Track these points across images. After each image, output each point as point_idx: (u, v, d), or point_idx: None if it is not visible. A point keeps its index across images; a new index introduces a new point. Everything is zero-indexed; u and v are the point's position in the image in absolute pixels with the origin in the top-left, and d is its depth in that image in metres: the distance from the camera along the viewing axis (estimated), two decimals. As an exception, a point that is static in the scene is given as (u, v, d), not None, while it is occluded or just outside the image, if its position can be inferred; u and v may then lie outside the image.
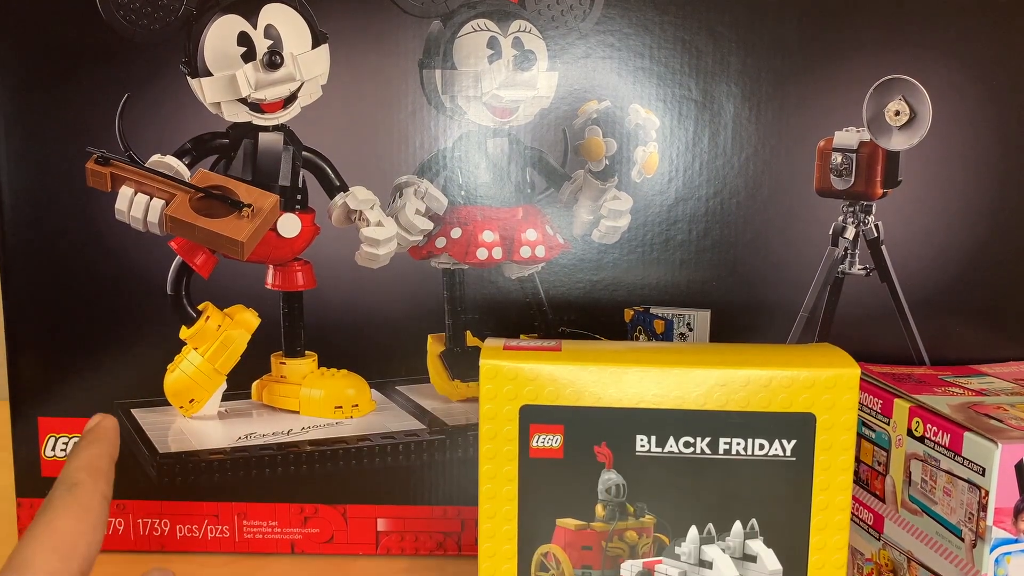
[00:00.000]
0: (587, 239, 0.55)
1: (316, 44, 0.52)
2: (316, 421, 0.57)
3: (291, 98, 0.53)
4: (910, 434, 0.46)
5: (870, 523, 0.49)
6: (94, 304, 0.55)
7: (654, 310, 0.55)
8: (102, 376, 0.55)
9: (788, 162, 0.54)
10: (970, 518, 0.41)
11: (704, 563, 0.43)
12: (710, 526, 0.43)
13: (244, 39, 0.52)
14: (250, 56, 0.52)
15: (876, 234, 0.55)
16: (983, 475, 0.41)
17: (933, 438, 0.44)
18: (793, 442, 0.42)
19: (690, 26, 0.52)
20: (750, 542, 0.43)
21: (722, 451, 0.43)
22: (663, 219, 0.54)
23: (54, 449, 0.56)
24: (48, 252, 0.54)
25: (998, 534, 0.40)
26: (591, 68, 0.53)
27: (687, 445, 0.43)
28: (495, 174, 0.54)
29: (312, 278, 0.55)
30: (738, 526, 0.43)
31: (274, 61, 0.51)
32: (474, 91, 0.53)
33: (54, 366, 0.55)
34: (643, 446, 0.43)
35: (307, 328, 0.56)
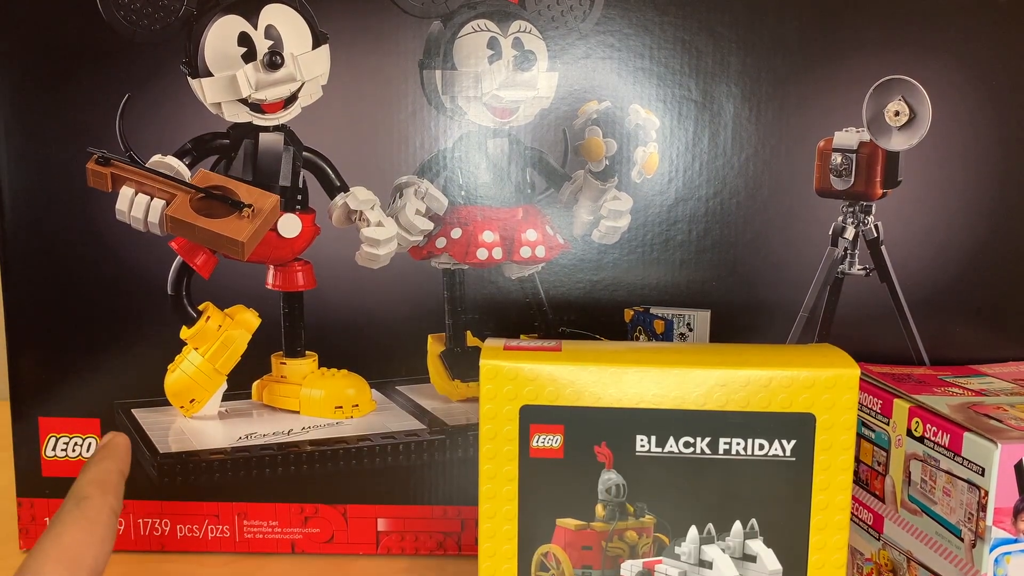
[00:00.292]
0: (587, 239, 0.55)
1: (316, 44, 0.52)
2: (316, 421, 0.57)
3: (291, 98, 0.53)
4: (910, 434, 0.46)
5: (870, 523, 0.49)
6: (94, 304, 0.55)
7: (654, 310, 0.55)
8: (102, 376, 0.55)
9: (788, 162, 0.54)
10: (970, 518, 0.41)
11: (704, 563, 0.43)
12: (710, 526, 0.43)
13: (244, 39, 0.52)
14: (251, 56, 0.52)
15: (876, 234, 0.55)
16: (983, 475, 0.41)
17: (933, 438, 0.44)
18: (793, 442, 0.42)
19: (690, 26, 0.52)
20: (750, 542, 0.43)
21: (722, 451, 0.43)
22: (663, 219, 0.54)
23: (54, 449, 0.56)
24: (48, 252, 0.54)
25: (998, 534, 0.40)
26: (591, 68, 0.53)
27: (687, 445, 0.43)
28: (495, 174, 0.54)
29: (312, 278, 0.55)
30: (738, 526, 0.43)
31: (274, 61, 0.51)
32: (474, 91, 0.53)
33: (54, 366, 0.55)
34: (643, 446, 0.43)
35: (307, 328, 0.56)
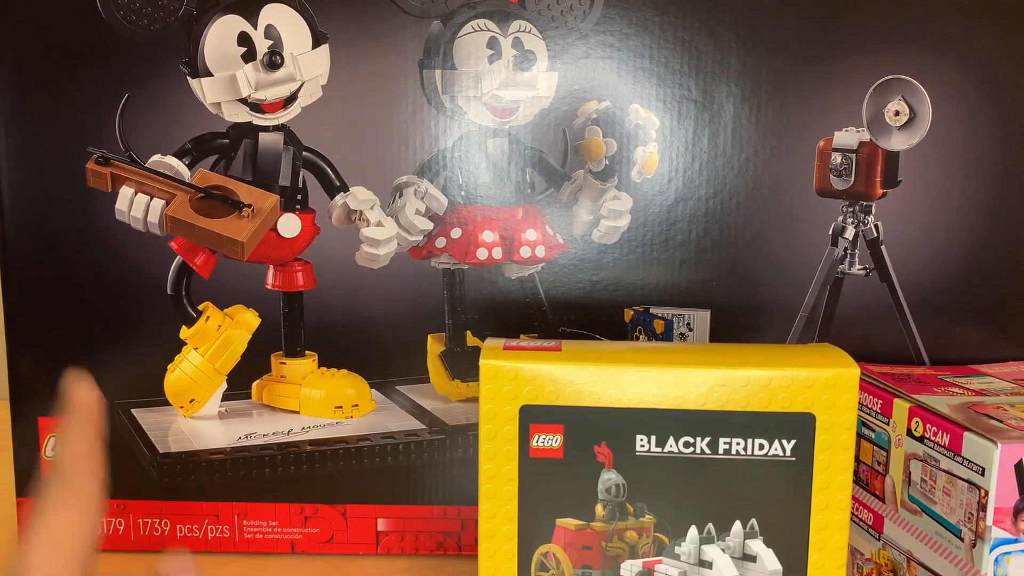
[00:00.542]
0: (587, 239, 0.55)
1: (316, 44, 0.52)
2: (316, 421, 0.57)
3: (291, 98, 0.53)
4: (910, 434, 0.46)
5: (870, 523, 0.49)
6: (94, 304, 0.55)
7: (654, 310, 0.55)
8: (102, 376, 0.55)
9: (788, 162, 0.54)
10: (970, 518, 0.41)
11: (704, 563, 0.43)
12: (710, 526, 0.43)
13: (244, 39, 0.52)
14: (250, 56, 0.52)
15: (876, 234, 0.55)
16: (983, 475, 0.41)
17: (933, 438, 0.44)
18: (793, 442, 0.42)
19: (690, 26, 0.52)
20: (750, 542, 0.43)
21: (722, 451, 0.43)
22: (663, 219, 0.54)
23: (54, 449, 0.56)
24: (48, 252, 0.54)
25: (998, 534, 0.40)
26: (591, 68, 0.53)
27: (687, 445, 0.43)
28: (495, 174, 0.54)
29: (312, 278, 0.55)
30: (738, 526, 0.43)
31: (274, 61, 0.51)
32: (474, 91, 0.53)
33: (54, 366, 0.55)
34: (643, 446, 0.43)
35: (307, 328, 0.56)
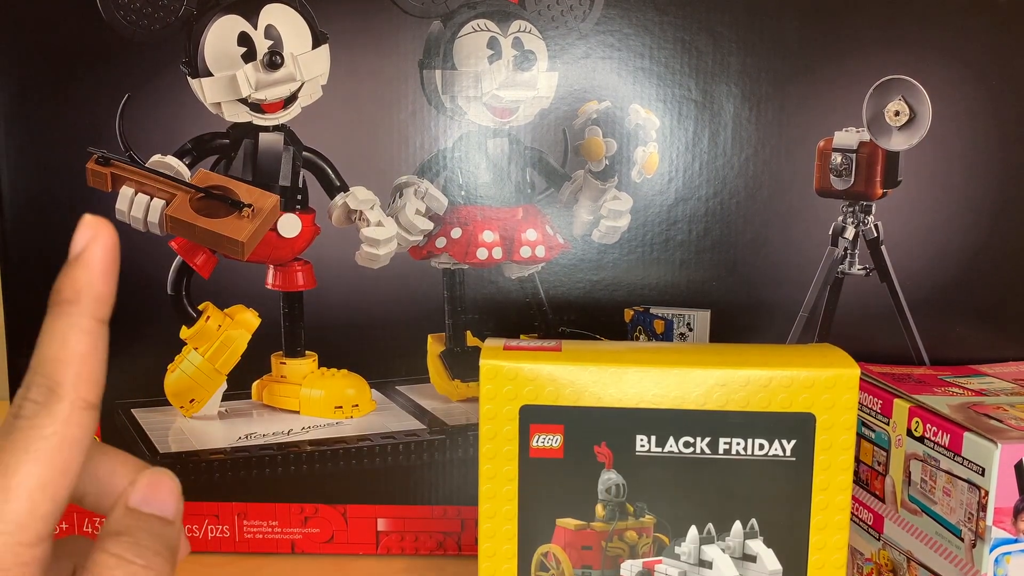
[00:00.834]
0: (587, 239, 0.55)
1: (316, 44, 0.52)
2: (316, 421, 0.57)
3: (291, 98, 0.53)
4: (910, 434, 0.46)
5: (870, 523, 0.49)
6: (94, 304, 0.55)
7: (654, 310, 0.55)
8: (102, 376, 0.55)
9: (788, 162, 0.54)
10: (970, 518, 0.41)
11: (704, 563, 0.43)
12: (710, 526, 0.43)
13: (244, 39, 0.52)
14: (250, 56, 0.52)
15: (876, 234, 0.55)
16: (983, 475, 0.41)
17: (933, 438, 0.44)
18: (793, 442, 0.42)
19: (690, 26, 0.52)
20: (750, 542, 0.43)
21: (722, 451, 0.43)
22: (663, 219, 0.54)
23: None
24: (48, 252, 0.54)
25: (998, 534, 0.40)
26: (591, 68, 0.53)
27: (687, 445, 0.43)
28: (495, 174, 0.54)
29: (312, 278, 0.55)
30: (738, 526, 0.43)
31: (274, 61, 0.51)
32: (474, 91, 0.53)
33: (54, 366, 0.55)
34: (643, 446, 0.43)
35: (307, 328, 0.56)
